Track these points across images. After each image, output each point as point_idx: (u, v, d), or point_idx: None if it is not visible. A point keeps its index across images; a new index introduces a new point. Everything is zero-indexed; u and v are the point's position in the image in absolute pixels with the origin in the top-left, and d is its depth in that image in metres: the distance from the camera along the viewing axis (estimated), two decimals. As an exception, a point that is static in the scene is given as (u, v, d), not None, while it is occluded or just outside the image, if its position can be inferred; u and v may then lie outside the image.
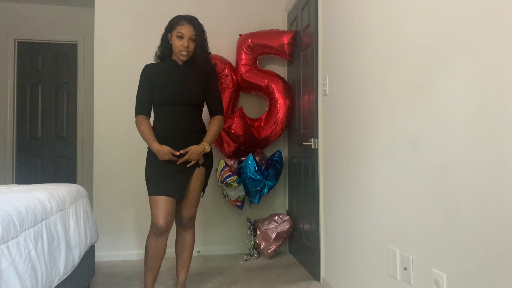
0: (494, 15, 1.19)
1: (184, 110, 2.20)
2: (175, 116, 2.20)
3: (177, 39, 2.17)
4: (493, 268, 1.18)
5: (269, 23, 3.51)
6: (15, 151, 4.31)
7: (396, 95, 1.72)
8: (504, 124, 1.14)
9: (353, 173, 2.15)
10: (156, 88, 2.21)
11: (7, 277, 1.28)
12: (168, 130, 2.19)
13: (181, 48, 2.17)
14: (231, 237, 3.47)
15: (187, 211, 2.29)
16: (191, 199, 2.28)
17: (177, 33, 2.16)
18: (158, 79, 2.22)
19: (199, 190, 2.31)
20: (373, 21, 1.92)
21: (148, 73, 2.25)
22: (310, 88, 2.82)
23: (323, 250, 2.63)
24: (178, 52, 2.19)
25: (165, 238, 2.19)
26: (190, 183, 2.24)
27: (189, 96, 2.21)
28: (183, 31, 2.16)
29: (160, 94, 2.20)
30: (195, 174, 2.24)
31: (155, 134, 2.19)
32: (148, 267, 2.21)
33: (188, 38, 2.17)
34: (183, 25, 2.16)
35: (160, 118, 2.23)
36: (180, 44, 2.16)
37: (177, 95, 2.19)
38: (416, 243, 1.58)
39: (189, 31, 2.17)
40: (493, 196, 1.18)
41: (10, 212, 1.40)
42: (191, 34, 2.17)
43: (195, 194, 2.29)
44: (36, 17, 4.31)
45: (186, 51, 2.18)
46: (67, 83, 4.45)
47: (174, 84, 2.20)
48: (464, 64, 1.31)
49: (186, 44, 2.16)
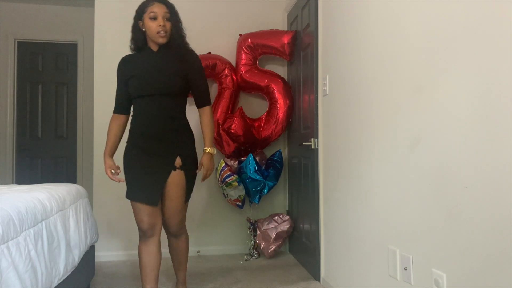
0: (494, 15, 1.19)
1: (159, 102, 1.99)
2: (149, 110, 2.00)
3: (150, 21, 1.98)
4: (493, 268, 1.18)
5: (269, 23, 3.50)
6: (15, 151, 4.31)
7: (396, 95, 1.72)
8: (504, 124, 1.14)
9: (353, 173, 2.15)
10: (129, 81, 2.04)
11: (7, 277, 1.28)
12: (142, 127, 2.02)
13: (157, 29, 1.97)
14: (231, 237, 3.46)
15: (170, 220, 2.09)
16: (171, 208, 2.05)
17: (149, 14, 1.97)
18: (131, 71, 2.05)
19: (179, 197, 2.04)
20: (373, 21, 1.92)
21: (121, 66, 2.11)
22: (310, 88, 2.82)
23: (323, 250, 2.63)
24: (155, 34, 1.98)
25: (154, 241, 2.04)
26: (167, 191, 2.01)
27: (162, 85, 1.99)
28: (155, 10, 1.97)
29: (132, 87, 2.03)
30: (172, 180, 2.00)
31: (132, 132, 2.06)
32: (144, 279, 2.04)
33: (163, 17, 1.98)
34: (154, 4, 1.98)
35: (135, 114, 2.07)
36: (156, 24, 1.97)
37: (149, 85, 1.99)
38: (416, 243, 1.58)
39: (161, 9, 1.98)
40: (493, 196, 1.18)
41: (10, 212, 1.40)
42: (165, 11, 1.99)
43: (174, 203, 2.04)
44: (36, 17, 4.31)
45: (164, 30, 1.98)
46: (67, 83, 4.46)
47: (147, 74, 2.01)
48: (465, 64, 1.31)
49: (162, 23, 1.97)
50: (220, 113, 3.21)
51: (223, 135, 3.17)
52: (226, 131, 3.16)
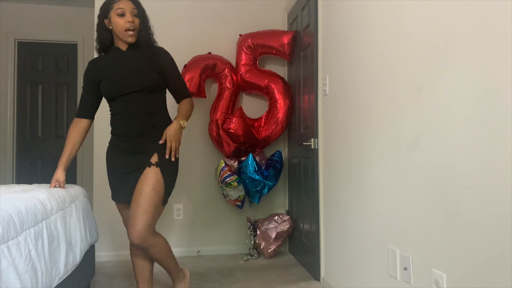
0: (494, 15, 1.19)
1: (134, 100, 1.89)
2: (125, 109, 1.91)
3: (118, 18, 1.88)
4: (493, 268, 1.18)
5: (269, 23, 3.51)
6: (15, 151, 4.31)
7: (396, 95, 1.72)
8: (505, 124, 1.14)
9: (353, 173, 2.15)
10: (101, 84, 1.95)
11: (7, 277, 1.28)
12: (121, 128, 1.94)
13: (126, 26, 1.87)
14: (231, 237, 3.46)
15: (132, 222, 1.80)
16: (134, 206, 1.80)
17: (116, 10, 1.87)
18: (100, 74, 1.95)
19: (147, 194, 1.80)
20: (373, 21, 1.92)
21: (88, 70, 2.01)
22: (310, 88, 2.82)
23: (323, 250, 2.63)
24: (123, 32, 1.89)
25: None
26: (136, 186, 1.84)
27: (135, 83, 1.89)
28: (122, 6, 1.88)
29: (104, 89, 1.94)
30: (143, 175, 1.84)
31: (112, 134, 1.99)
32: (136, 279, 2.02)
33: (130, 13, 1.89)
34: (120, 1, 1.89)
35: (112, 116, 1.99)
36: (124, 21, 1.87)
37: (122, 85, 1.90)
38: (416, 243, 1.58)
39: (129, 5, 1.89)
40: (493, 196, 1.18)
41: (10, 212, 1.40)
42: (132, 7, 1.90)
43: (140, 202, 1.79)
44: (36, 17, 4.32)
45: (133, 27, 1.89)
46: (67, 83, 4.46)
47: (117, 74, 1.92)
48: (465, 64, 1.31)
49: (131, 19, 1.88)
50: (220, 113, 3.21)
51: (223, 135, 3.17)
52: (226, 131, 3.16)
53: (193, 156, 3.41)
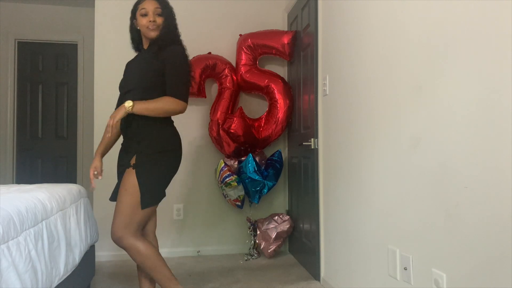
0: (494, 15, 1.19)
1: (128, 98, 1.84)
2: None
3: (142, 18, 1.93)
4: (493, 268, 1.18)
5: (269, 23, 3.51)
6: (15, 151, 4.31)
7: (396, 95, 1.72)
8: (505, 124, 1.14)
9: (353, 173, 2.15)
10: None
11: (7, 277, 1.28)
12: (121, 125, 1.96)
13: (147, 24, 1.91)
14: (231, 237, 3.46)
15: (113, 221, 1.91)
16: (115, 207, 1.91)
17: (140, 10, 1.92)
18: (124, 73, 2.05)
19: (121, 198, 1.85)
20: (373, 21, 1.92)
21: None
22: (310, 88, 2.82)
23: (323, 250, 2.64)
24: (146, 29, 1.92)
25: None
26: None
27: (131, 81, 1.92)
28: (145, 6, 1.92)
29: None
30: (124, 177, 1.87)
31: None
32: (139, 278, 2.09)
33: (153, 12, 1.91)
34: (145, 1, 1.93)
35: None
36: (146, 20, 1.91)
37: (123, 83, 1.97)
38: (416, 243, 1.58)
39: (152, 5, 1.92)
40: (493, 196, 1.18)
41: (10, 212, 1.40)
42: (155, 7, 1.92)
43: (117, 202, 1.90)
44: (36, 17, 4.32)
45: (154, 25, 1.91)
46: (67, 83, 4.46)
47: (125, 72, 2.00)
48: (465, 64, 1.31)
49: (153, 18, 1.90)
50: (220, 113, 3.21)
51: (223, 135, 3.18)
52: (226, 131, 3.16)
53: (193, 156, 3.41)
